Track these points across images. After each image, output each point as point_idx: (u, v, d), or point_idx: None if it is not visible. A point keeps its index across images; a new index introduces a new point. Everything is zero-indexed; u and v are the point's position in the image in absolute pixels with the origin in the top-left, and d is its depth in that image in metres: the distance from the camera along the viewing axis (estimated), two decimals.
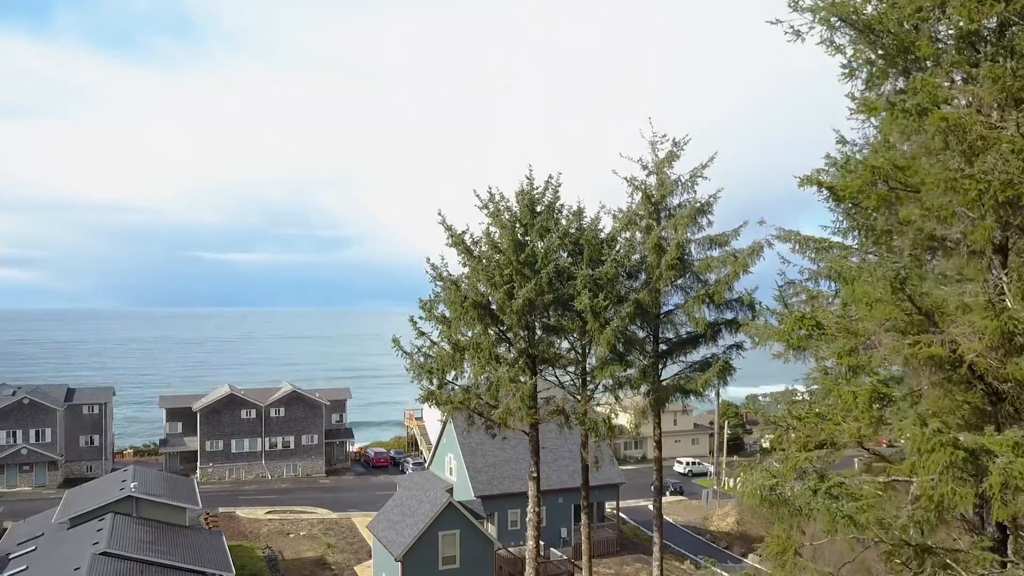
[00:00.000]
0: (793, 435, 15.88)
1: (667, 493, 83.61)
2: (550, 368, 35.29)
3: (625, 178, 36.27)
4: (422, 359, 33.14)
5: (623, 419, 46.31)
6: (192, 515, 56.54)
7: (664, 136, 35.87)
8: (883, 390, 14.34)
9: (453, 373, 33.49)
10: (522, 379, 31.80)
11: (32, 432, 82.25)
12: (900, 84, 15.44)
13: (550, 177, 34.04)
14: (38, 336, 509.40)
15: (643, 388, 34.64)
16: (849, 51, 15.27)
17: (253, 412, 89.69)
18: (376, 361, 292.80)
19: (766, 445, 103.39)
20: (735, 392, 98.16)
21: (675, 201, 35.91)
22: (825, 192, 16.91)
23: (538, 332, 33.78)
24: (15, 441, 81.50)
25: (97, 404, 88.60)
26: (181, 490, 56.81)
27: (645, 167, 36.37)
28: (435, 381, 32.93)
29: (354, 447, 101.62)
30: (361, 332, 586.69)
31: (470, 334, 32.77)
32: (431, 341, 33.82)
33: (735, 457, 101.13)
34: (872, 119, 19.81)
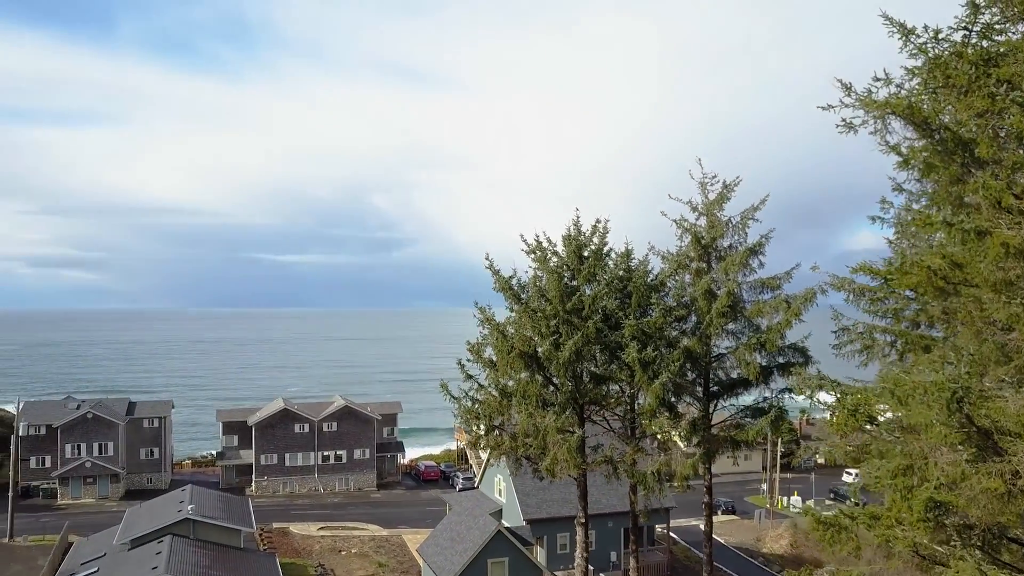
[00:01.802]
0: (844, 536, 15.49)
1: (718, 512, 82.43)
2: (597, 408, 35.03)
3: (674, 220, 35.85)
4: (470, 403, 33.21)
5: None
6: (247, 532, 57.57)
7: (714, 177, 35.35)
8: (940, 497, 13.88)
9: (500, 419, 33.45)
10: (570, 429, 31.61)
11: (95, 445, 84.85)
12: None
13: (597, 222, 33.85)
14: (101, 337, 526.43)
15: (693, 440, 34.15)
16: (904, 149, 14.78)
17: (306, 426, 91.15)
18: (428, 364, 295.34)
19: (820, 460, 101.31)
20: (790, 403, 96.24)
21: (726, 243, 35.35)
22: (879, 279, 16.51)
23: (585, 380, 33.57)
24: (80, 454, 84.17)
25: (157, 417, 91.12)
26: (236, 511, 57.92)
27: (695, 208, 35.89)
28: (483, 426, 32.96)
29: (405, 460, 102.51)
30: (413, 334, 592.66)
31: (518, 379, 32.69)
32: (479, 384, 33.85)
33: (788, 474, 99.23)
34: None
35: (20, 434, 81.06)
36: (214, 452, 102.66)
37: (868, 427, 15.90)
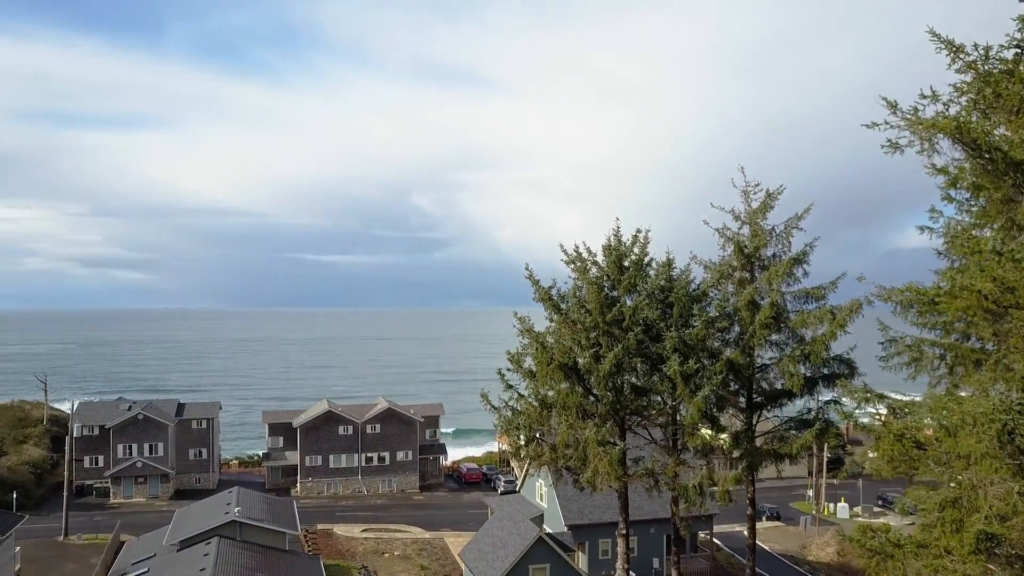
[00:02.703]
0: (891, 564, 15.15)
1: (762, 518, 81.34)
2: (638, 419, 34.78)
3: (717, 229, 35.45)
4: (510, 413, 33.24)
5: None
6: (292, 534, 58.35)
7: (757, 185, 34.88)
8: (991, 529, 13.51)
9: (540, 429, 33.42)
10: (611, 441, 31.45)
11: (146, 446, 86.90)
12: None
13: (638, 231, 33.64)
14: (151, 336, 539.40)
15: (735, 453, 33.74)
16: (952, 168, 14.42)
17: (350, 428, 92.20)
18: (470, 364, 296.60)
19: (868, 472, 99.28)
20: (837, 407, 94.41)
21: (769, 252, 34.86)
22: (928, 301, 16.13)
23: (626, 392, 33.35)
24: (131, 455, 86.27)
25: (205, 419, 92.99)
26: (281, 514, 58.77)
27: (737, 217, 35.45)
28: (522, 437, 32.97)
29: (447, 462, 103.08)
30: (455, 333, 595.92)
31: (558, 389, 32.59)
32: (518, 394, 33.87)
33: (835, 480, 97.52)
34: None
35: (74, 435, 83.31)
36: (260, 453, 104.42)
37: (915, 452, 15.55)
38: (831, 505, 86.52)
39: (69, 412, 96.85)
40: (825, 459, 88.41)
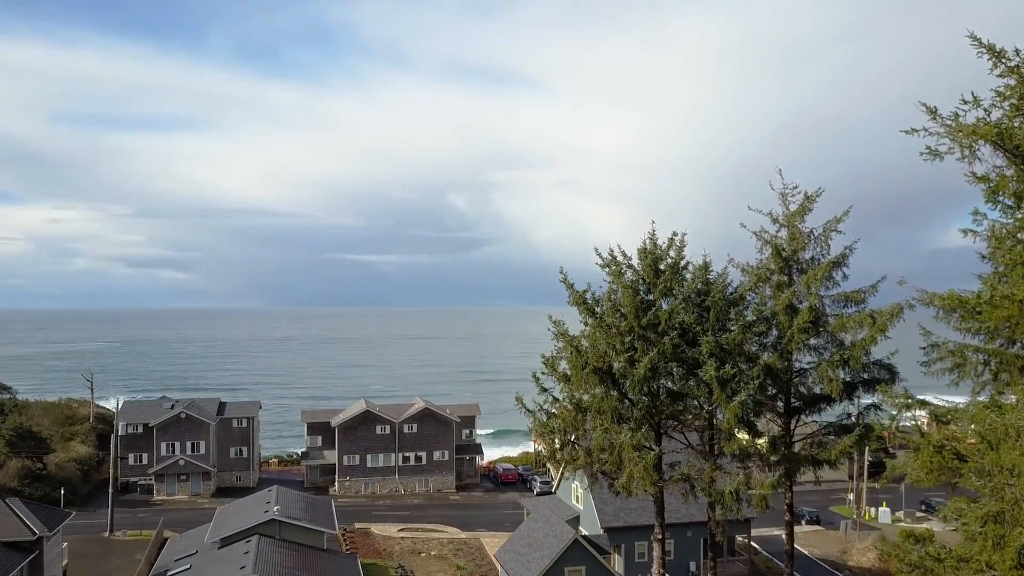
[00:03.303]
0: None
1: (802, 521, 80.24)
2: (674, 423, 34.57)
3: (754, 232, 35.12)
4: (544, 417, 33.28)
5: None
6: (330, 534, 59.01)
7: (795, 188, 34.48)
8: None
9: (575, 433, 33.39)
10: (646, 445, 31.33)
11: (188, 444, 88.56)
12: None
13: (674, 235, 33.43)
14: (193, 335, 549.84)
15: (773, 459, 33.36)
16: (994, 176, 14.15)
17: (387, 428, 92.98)
18: (506, 364, 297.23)
19: (910, 481, 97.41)
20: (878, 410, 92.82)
21: (807, 255, 34.42)
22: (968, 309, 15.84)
23: (661, 396, 33.17)
24: (174, 452, 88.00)
25: (245, 418, 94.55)
26: (319, 513, 59.49)
27: (775, 220, 35.05)
28: (557, 441, 32.99)
29: (483, 462, 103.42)
30: (490, 332, 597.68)
31: (592, 393, 32.53)
32: (553, 397, 33.88)
33: (876, 483, 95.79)
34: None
35: (119, 433, 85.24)
36: (299, 451, 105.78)
37: (955, 463, 15.27)
38: (872, 509, 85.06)
39: (114, 410, 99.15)
40: (866, 462, 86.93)
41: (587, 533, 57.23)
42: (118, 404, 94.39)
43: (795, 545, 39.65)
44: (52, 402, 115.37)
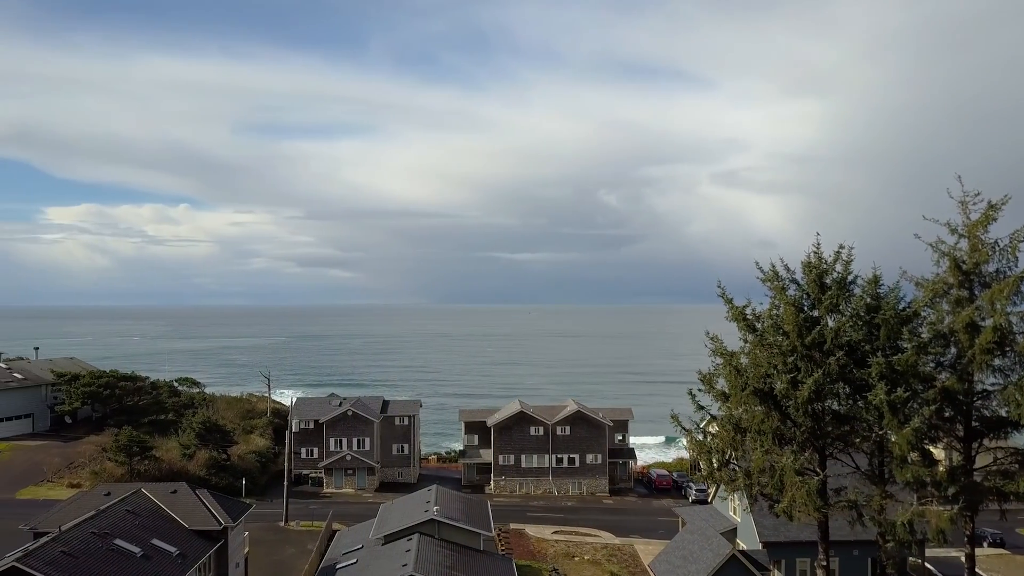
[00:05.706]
0: None
1: (983, 543, 74.12)
2: (841, 445, 32.90)
3: (930, 244, 32.74)
4: (701, 436, 32.63)
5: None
6: (486, 536, 60.47)
7: (978, 195, 31.85)
8: None
9: (733, 453, 32.51)
10: (809, 469, 30.04)
11: (355, 440, 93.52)
12: None
13: (840, 248, 31.80)
14: (359, 330, 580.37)
15: (951, 490, 31.00)
16: None
17: (541, 429, 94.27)
18: (658, 365, 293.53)
19: None
20: None
21: (991, 268, 31.72)
22: None
23: (826, 419, 31.66)
24: (342, 448, 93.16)
25: (407, 416, 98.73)
26: (476, 514, 61.12)
27: (954, 231, 32.53)
28: (715, 461, 32.25)
29: (636, 466, 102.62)
30: (642, 330, 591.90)
31: (752, 412, 31.54)
32: (710, 416, 33.15)
33: None
34: None
35: (293, 429, 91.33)
36: (457, 449, 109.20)
37: None
38: None
39: (288, 405, 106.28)
40: None
41: (745, 547, 55.61)
42: (292, 401, 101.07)
43: (976, 570, 36.76)
44: (235, 396, 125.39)
